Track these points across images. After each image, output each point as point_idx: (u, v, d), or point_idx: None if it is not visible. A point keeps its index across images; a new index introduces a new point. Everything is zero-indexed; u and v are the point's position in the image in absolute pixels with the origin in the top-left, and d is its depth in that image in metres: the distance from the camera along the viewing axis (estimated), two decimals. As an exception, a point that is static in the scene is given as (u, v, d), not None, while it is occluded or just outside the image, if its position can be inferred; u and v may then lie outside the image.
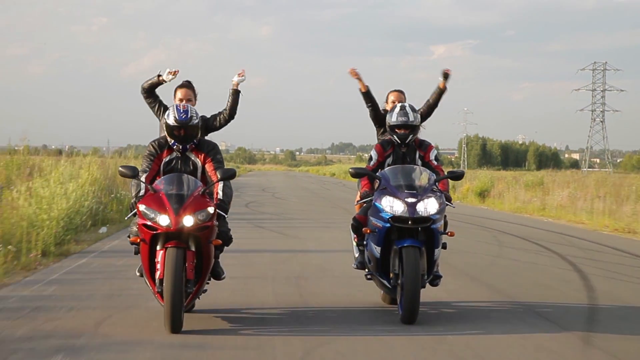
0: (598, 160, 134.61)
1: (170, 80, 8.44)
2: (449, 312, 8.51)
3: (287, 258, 12.49)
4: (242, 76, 8.63)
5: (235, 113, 8.61)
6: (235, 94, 8.62)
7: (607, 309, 8.87)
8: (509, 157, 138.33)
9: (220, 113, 8.60)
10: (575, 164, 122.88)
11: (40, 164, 19.61)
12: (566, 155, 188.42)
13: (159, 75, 8.45)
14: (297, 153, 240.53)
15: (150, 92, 8.48)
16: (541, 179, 33.06)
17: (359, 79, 9.19)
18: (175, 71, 8.43)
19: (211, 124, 8.57)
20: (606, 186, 27.83)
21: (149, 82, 8.47)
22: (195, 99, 8.39)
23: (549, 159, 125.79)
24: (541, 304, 9.02)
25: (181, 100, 8.23)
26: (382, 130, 9.19)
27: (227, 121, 8.59)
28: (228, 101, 8.61)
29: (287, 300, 8.99)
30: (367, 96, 9.22)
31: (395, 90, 9.20)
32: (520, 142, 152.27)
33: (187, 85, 8.38)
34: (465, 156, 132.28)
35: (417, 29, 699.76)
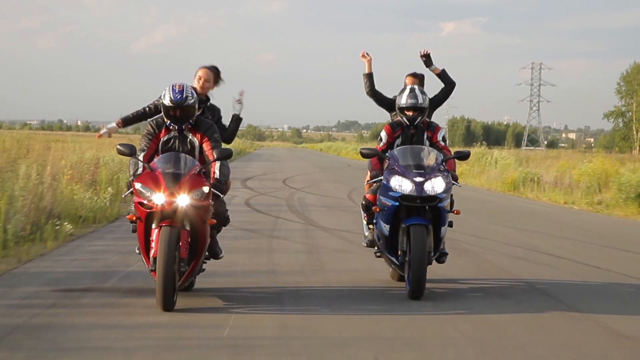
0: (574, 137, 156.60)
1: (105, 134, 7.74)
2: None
3: (274, 167, 36.26)
4: (241, 103, 7.92)
5: (233, 139, 7.98)
6: (237, 121, 7.93)
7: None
8: (490, 136, 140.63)
9: (224, 128, 7.83)
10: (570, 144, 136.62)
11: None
12: (563, 135, 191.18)
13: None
14: (304, 130, 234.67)
15: (142, 117, 7.71)
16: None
17: (369, 61, 8.70)
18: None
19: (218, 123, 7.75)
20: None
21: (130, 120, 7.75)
22: (214, 84, 7.70)
23: (532, 138, 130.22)
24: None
25: (200, 78, 7.60)
26: (394, 113, 8.54)
27: (226, 143, 7.82)
28: (230, 125, 7.89)
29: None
30: (369, 79, 8.65)
31: (410, 75, 8.67)
32: (505, 122, 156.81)
33: (211, 67, 7.70)
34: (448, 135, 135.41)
35: (427, 6, 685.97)
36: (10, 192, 10.17)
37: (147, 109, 7.69)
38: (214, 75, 7.72)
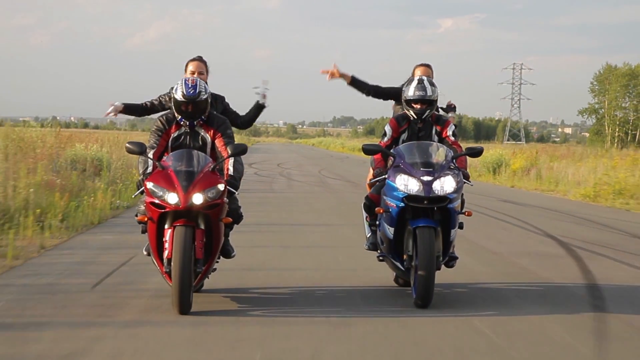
0: (569, 132, 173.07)
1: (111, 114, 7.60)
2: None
3: (270, 157, 49.61)
4: (263, 92, 7.79)
5: (250, 125, 7.94)
6: (259, 109, 7.79)
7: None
8: (481, 132, 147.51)
9: (239, 117, 7.74)
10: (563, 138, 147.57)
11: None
12: (559, 130, 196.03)
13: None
14: (300, 126, 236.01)
15: (141, 112, 7.69)
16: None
17: (339, 75, 8.27)
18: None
19: (231, 118, 7.56)
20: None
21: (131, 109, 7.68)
22: (207, 74, 7.49)
23: (513, 133, 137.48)
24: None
25: (192, 73, 7.33)
26: (399, 105, 8.20)
27: (241, 128, 7.86)
28: (250, 111, 7.81)
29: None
30: (356, 84, 8.28)
31: (421, 65, 8.20)
32: (497, 118, 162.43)
33: (199, 59, 7.51)
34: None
35: (425, 2, 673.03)
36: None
37: (144, 104, 7.57)
38: (205, 65, 7.53)
